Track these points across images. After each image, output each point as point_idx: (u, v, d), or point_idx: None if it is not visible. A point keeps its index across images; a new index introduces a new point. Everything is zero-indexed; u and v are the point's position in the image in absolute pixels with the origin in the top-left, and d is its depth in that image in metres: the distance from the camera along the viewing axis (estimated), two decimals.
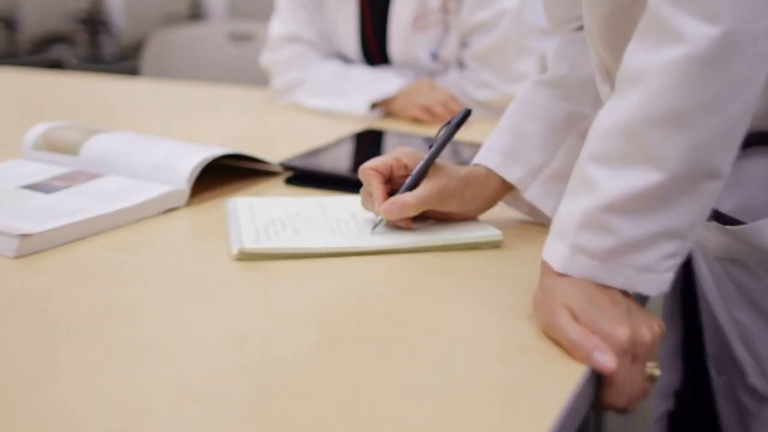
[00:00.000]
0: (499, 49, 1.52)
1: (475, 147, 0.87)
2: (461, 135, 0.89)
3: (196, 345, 0.60)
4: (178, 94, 1.83)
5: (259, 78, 1.94)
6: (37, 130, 1.06)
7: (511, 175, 0.82)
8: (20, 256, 0.75)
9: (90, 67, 4.22)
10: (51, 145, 1.03)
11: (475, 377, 0.56)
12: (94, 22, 4.73)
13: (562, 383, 0.55)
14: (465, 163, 0.86)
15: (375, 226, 0.81)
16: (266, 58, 1.67)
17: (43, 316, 0.65)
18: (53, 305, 0.67)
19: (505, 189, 0.84)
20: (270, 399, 0.53)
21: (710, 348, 0.82)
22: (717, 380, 0.82)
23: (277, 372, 0.56)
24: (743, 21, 0.56)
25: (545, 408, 0.52)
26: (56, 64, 4.51)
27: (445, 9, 1.54)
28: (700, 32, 0.56)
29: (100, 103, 1.78)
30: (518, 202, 0.86)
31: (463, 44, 1.57)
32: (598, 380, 0.58)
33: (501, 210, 0.88)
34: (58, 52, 4.72)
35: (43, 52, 4.65)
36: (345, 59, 1.67)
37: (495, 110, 1.46)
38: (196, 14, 4.57)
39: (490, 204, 0.85)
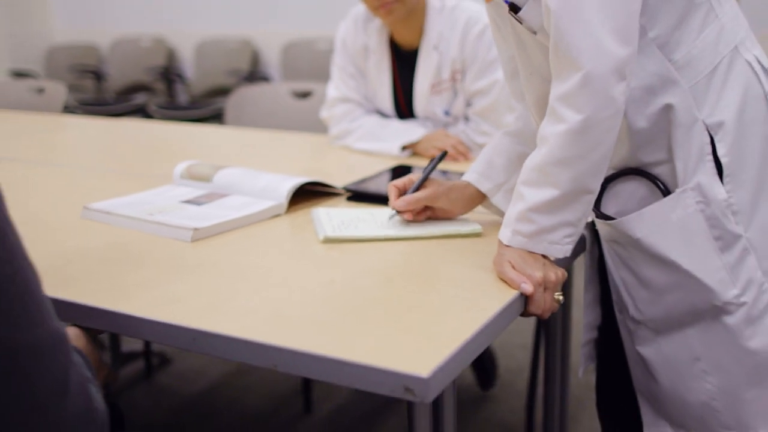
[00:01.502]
0: (493, 108, 1.69)
1: None
2: (465, 166, 1.18)
3: (305, 283, 0.93)
4: (257, 138, 2.04)
5: (314, 126, 2.11)
6: (181, 166, 1.40)
7: (482, 187, 1.09)
8: (193, 241, 1.09)
9: (167, 113, 4.38)
10: (192, 175, 1.37)
11: (463, 298, 0.87)
12: (169, 74, 4.88)
13: (504, 298, 0.87)
14: None
15: (390, 217, 1.13)
16: (324, 113, 1.88)
17: (216, 272, 0.98)
18: (221, 267, 1.00)
19: (480, 196, 1.10)
20: (351, 310, 0.85)
21: (613, 296, 1.05)
22: (618, 316, 1.05)
23: (353, 297, 0.89)
24: (594, 112, 0.82)
25: (494, 306, 0.84)
26: (139, 110, 4.69)
27: (453, 79, 1.72)
28: (572, 117, 0.83)
29: (204, 145, 2.02)
30: (490, 207, 1.13)
31: (468, 104, 1.75)
32: (525, 300, 0.90)
33: (482, 214, 1.16)
34: (140, 99, 4.88)
35: (127, 101, 4.83)
36: (382, 114, 1.85)
37: None
38: (254, 69, 4.67)
39: (469, 206, 1.12)
